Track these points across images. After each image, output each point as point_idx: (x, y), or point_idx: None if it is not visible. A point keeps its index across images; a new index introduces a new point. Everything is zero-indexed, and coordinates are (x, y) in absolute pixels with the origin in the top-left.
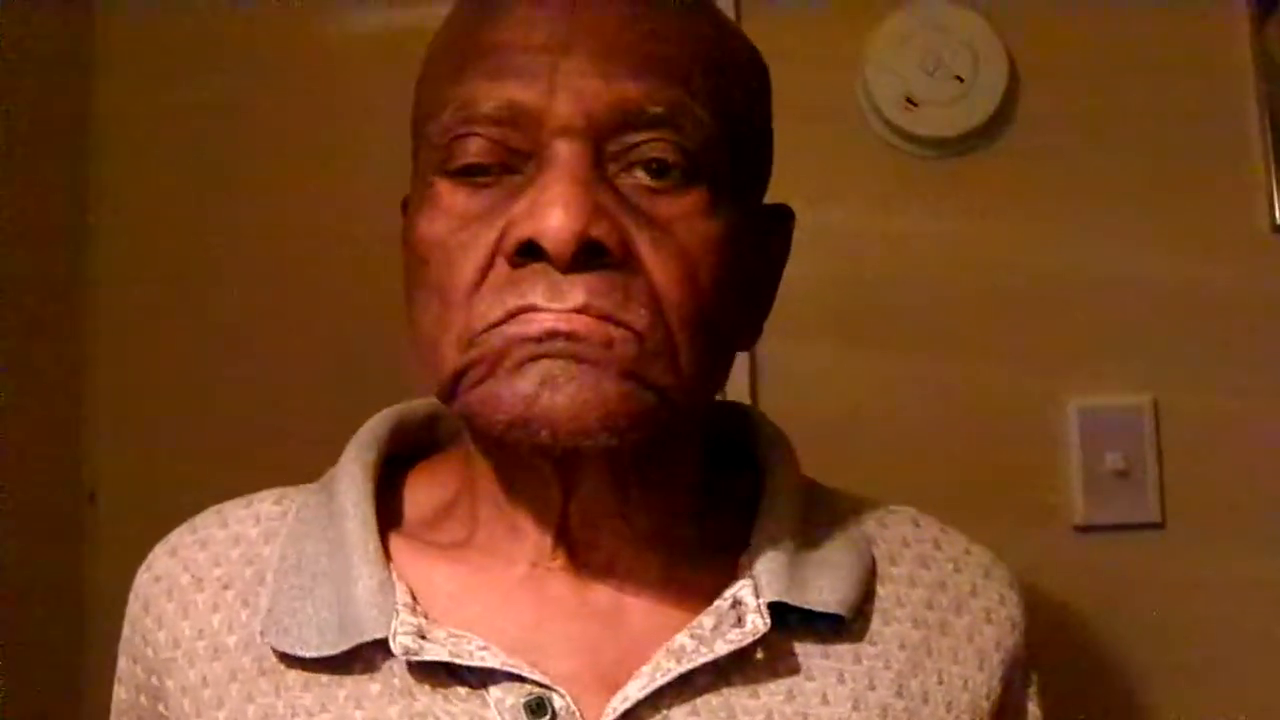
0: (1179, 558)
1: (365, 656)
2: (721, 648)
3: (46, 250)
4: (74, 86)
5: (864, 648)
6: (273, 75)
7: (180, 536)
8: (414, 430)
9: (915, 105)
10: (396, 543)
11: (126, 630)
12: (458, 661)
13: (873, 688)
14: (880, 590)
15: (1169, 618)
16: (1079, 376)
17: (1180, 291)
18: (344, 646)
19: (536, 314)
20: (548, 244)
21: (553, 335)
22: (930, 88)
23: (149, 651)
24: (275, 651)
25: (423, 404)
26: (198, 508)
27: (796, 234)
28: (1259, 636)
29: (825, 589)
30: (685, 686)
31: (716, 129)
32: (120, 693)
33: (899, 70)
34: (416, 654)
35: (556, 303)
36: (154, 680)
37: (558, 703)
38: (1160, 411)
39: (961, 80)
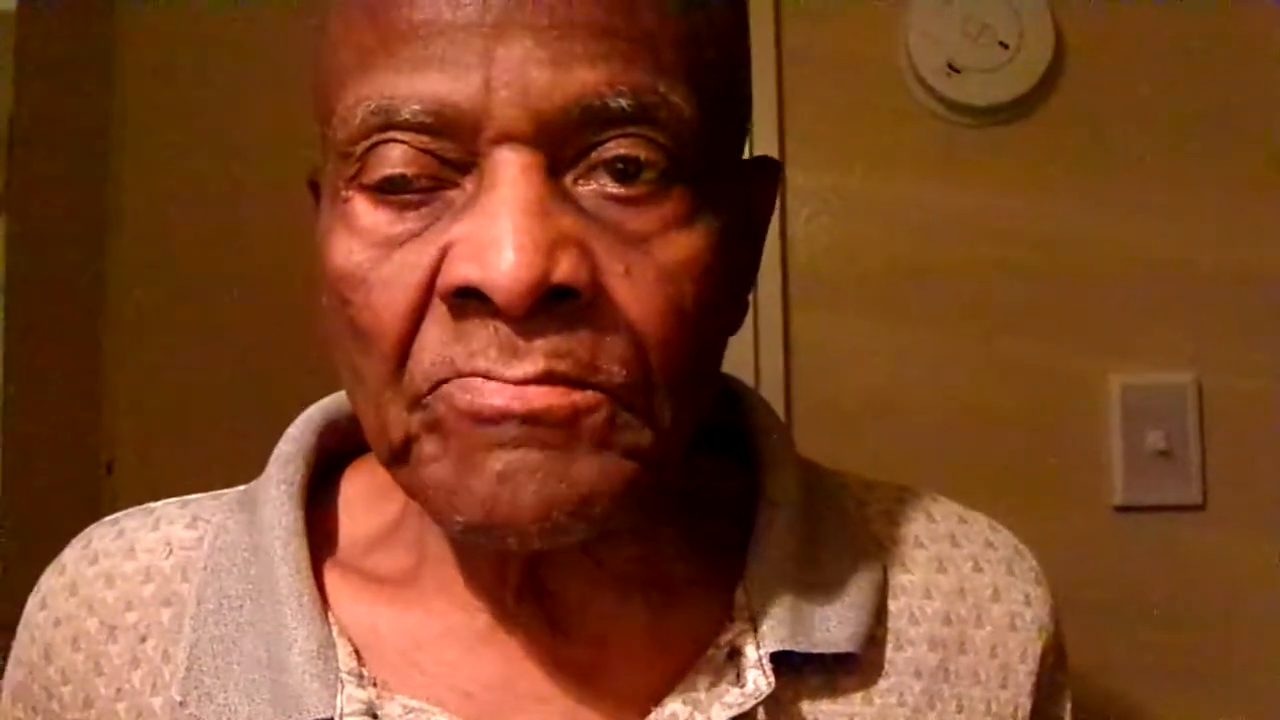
0: (1220, 540)
1: None
2: (719, 714)
3: (69, 229)
4: (94, 86)
5: (875, 682)
6: (293, 74)
7: (79, 568)
8: (346, 422)
9: (957, 71)
10: (332, 578)
11: (19, 673)
12: None
13: None
14: (892, 606)
15: (1209, 600)
16: (1122, 354)
17: (1226, 270)
18: None
19: (486, 383)
20: (499, 297)
21: (506, 417)
22: (973, 54)
23: (53, 706)
24: None
25: None
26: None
27: (835, 204)
28: None
29: (833, 623)
30: None
31: (697, 113)
32: None
33: (941, 35)
34: None
35: (511, 369)
36: None
37: None
38: (1204, 391)
39: (1006, 47)
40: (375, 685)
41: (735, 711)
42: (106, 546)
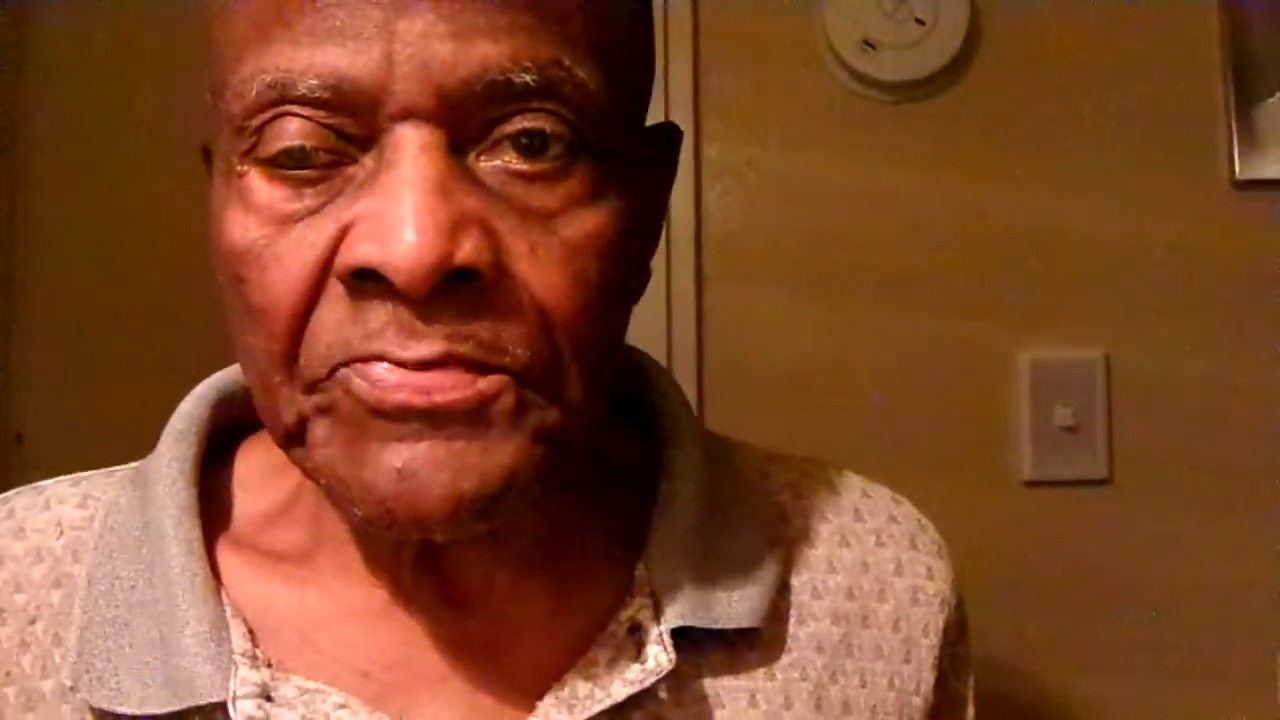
0: (1126, 514)
1: (204, 713)
2: (620, 691)
3: None
4: (4, 86)
5: (777, 657)
6: (199, 64)
7: None
8: (242, 395)
9: (873, 47)
10: (226, 556)
11: None
12: None
13: (789, 705)
14: (795, 580)
15: (1115, 573)
16: (1032, 330)
17: (1137, 246)
18: (176, 706)
19: (385, 369)
20: (399, 279)
21: (407, 410)
22: (889, 30)
23: None
24: (91, 708)
25: None
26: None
27: (750, 178)
28: (1203, 592)
29: (735, 596)
30: None
31: (603, 87)
32: None
33: (858, 11)
34: None
35: (409, 350)
36: None
37: None
38: (1112, 367)
39: (922, 23)
40: (270, 666)
41: (636, 688)
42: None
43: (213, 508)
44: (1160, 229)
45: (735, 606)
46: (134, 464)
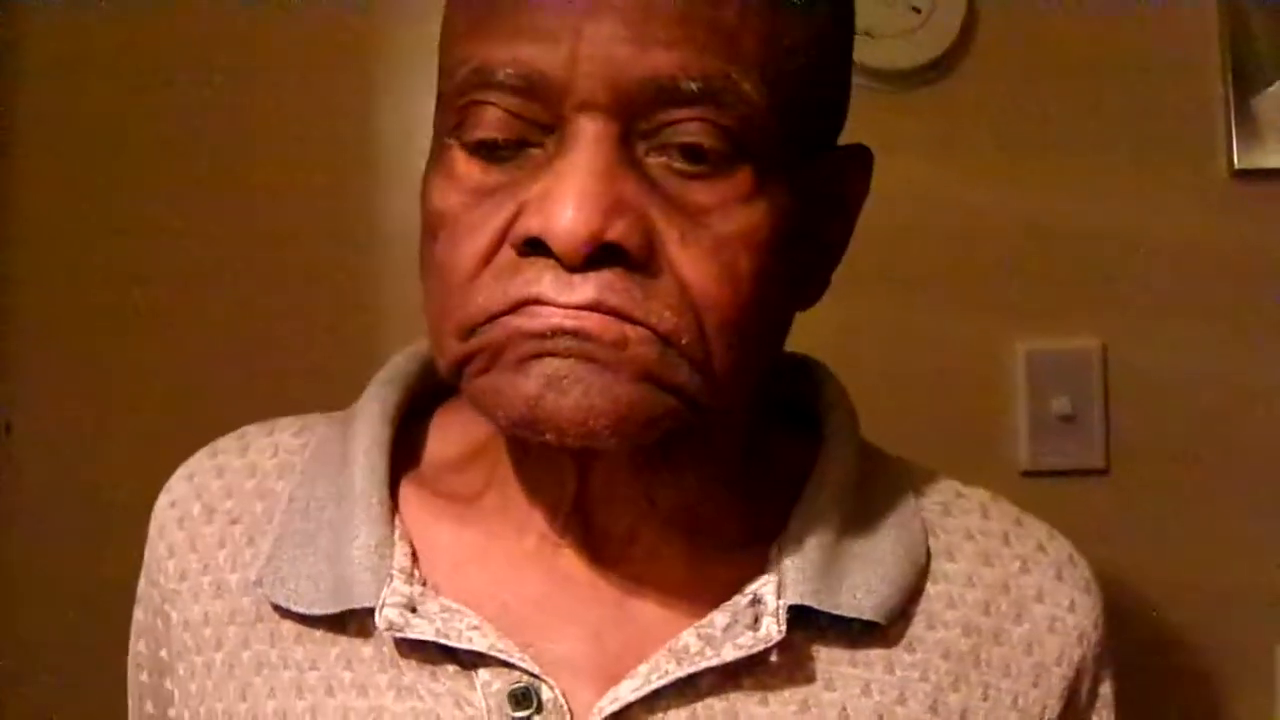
0: (1123, 504)
1: (359, 618)
2: (729, 653)
3: None
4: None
5: (900, 655)
6: (193, 73)
7: (199, 460)
8: None
9: (871, 37)
10: (408, 491)
11: (146, 553)
12: (444, 641)
13: (903, 702)
14: (931, 589)
15: (1112, 564)
16: (1028, 319)
17: (1134, 236)
18: (335, 609)
19: (542, 307)
20: (556, 245)
21: (559, 332)
22: (885, 18)
23: (160, 579)
24: (271, 603)
25: None
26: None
27: None
28: (1200, 583)
29: (861, 590)
30: (688, 687)
31: (766, 101)
32: (138, 614)
33: (857, 1)
34: (401, 630)
35: (564, 295)
36: (165, 607)
37: (545, 694)
38: (1109, 357)
39: (918, 11)
40: (424, 585)
41: (745, 653)
42: (227, 445)
43: (407, 451)
44: (1158, 219)
45: (860, 599)
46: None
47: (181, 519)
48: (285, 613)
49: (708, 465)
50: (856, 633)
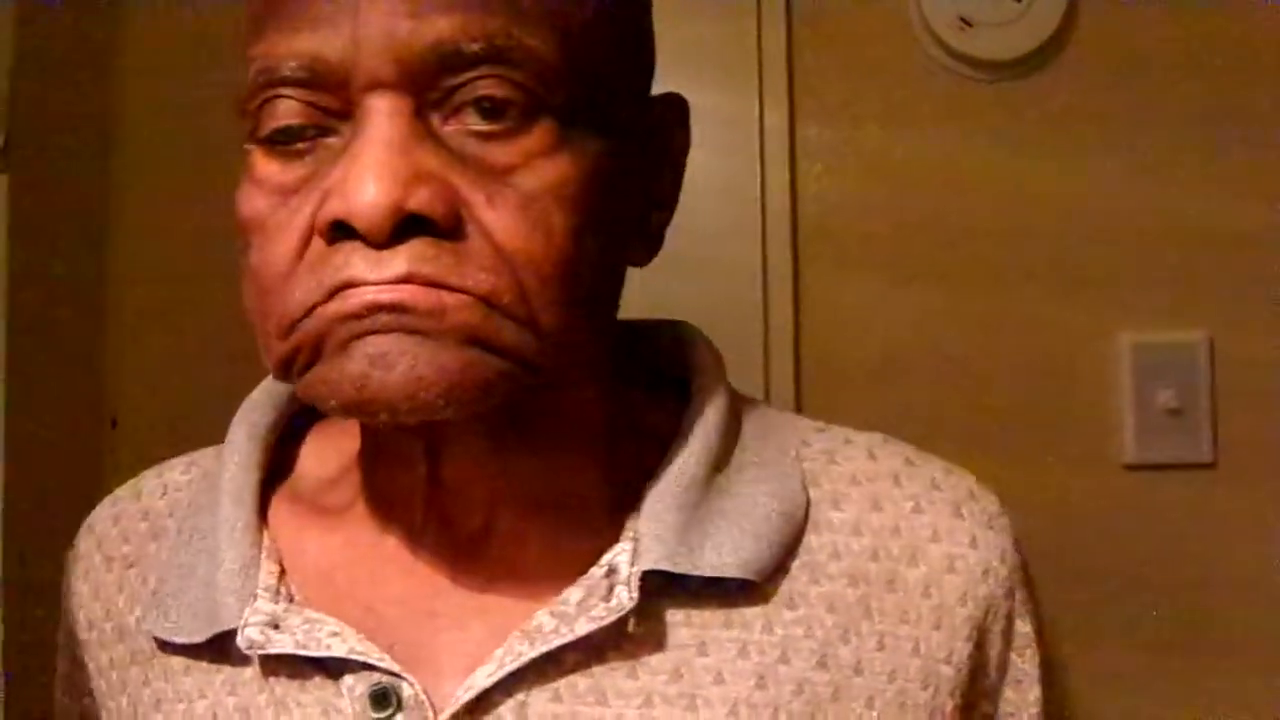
0: (1229, 499)
1: (228, 640)
2: (583, 627)
3: (73, 184)
4: (96, 84)
5: (780, 613)
6: None
7: (99, 511)
8: None
9: (970, 26)
10: (281, 509)
11: (61, 606)
12: (303, 653)
13: (786, 660)
14: (814, 540)
15: (1218, 559)
16: (1133, 312)
17: (1239, 228)
18: (204, 636)
19: (356, 289)
20: (359, 224)
21: (376, 309)
22: (986, 7)
23: (75, 630)
24: (154, 637)
25: None
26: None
27: (845, 160)
28: None
29: (726, 549)
30: (551, 666)
31: (558, 52)
32: (59, 665)
33: None
34: (263, 647)
35: (375, 273)
36: (82, 656)
37: (406, 691)
38: (1215, 349)
39: (1019, 0)
40: (292, 600)
41: (599, 624)
42: (123, 491)
43: (284, 470)
44: (1264, 209)
45: (725, 558)
46: None
47: (86, 572)
48: (173, 646)
49: (565, 439)
50: (733, 594)
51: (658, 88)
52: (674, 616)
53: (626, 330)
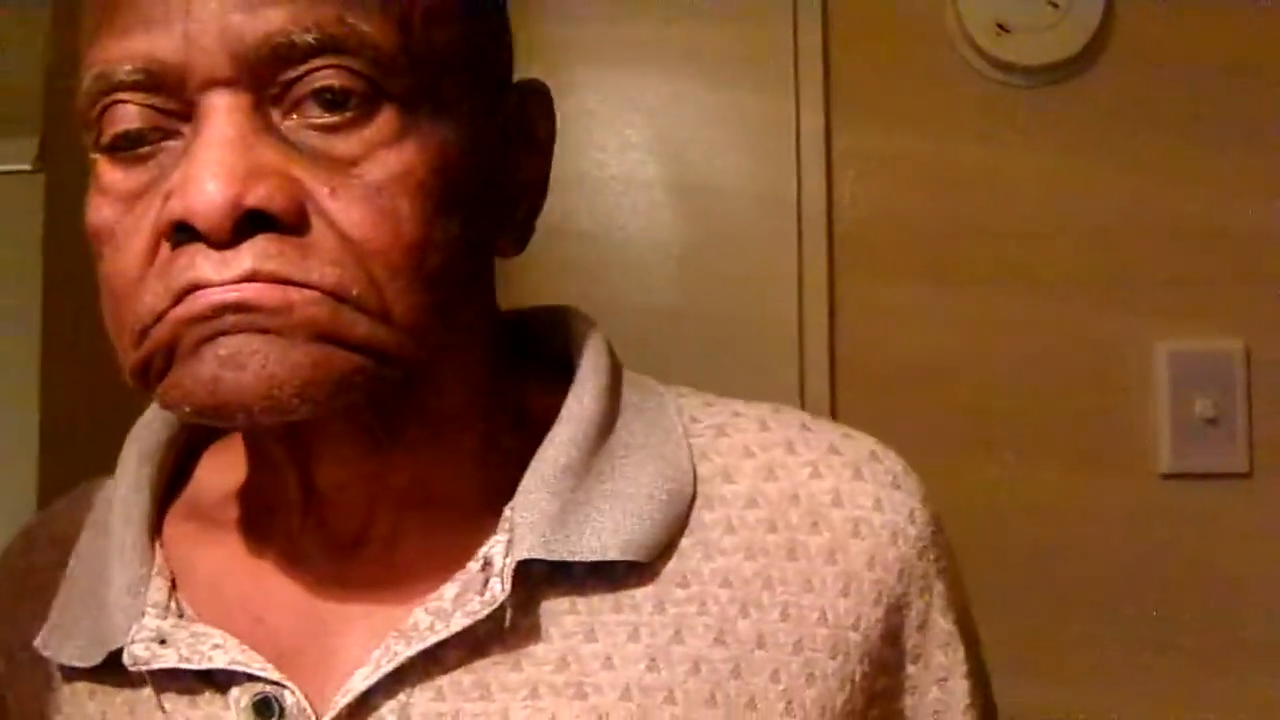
0: (1266, 508)
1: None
2: (459, 622)
3: None
4: None
5: (671, 592)
6: None
7: (13, 543)
8: None
9: (1006, 31)
10: (176, 525)
11: None
12: (186, 666)
13: (680, 640)
14: (706, 516)
15: (1254, 568)
16: (1170, 319)
17: (1277, 236)
18: (100, 657)
19: (203, 290)
20: (200, 223)
21: (222, 309)
22: (1023, 13)
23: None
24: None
25: None
26: None
27: (881, 166)
28: None
29: (607, 532)
30: (432, 664)
31: (397, 39)
32: None
33: None
34: (148, 663)
35: (220, 273)
36: (2, 689)
37: (288, 700)
38: (1252, 358)
39: (1056, 6)
40: (181, 615)
41: (474, 618)
42: (37, 518)
43: (181, 488)
44: None
45: (607, 540)
46: None
47: (0, 601)
48: (76, 672)
49: (440, 434)
50: (621, 577)
51: (704, 91)
52: (559, 605)
53: (517, 320)
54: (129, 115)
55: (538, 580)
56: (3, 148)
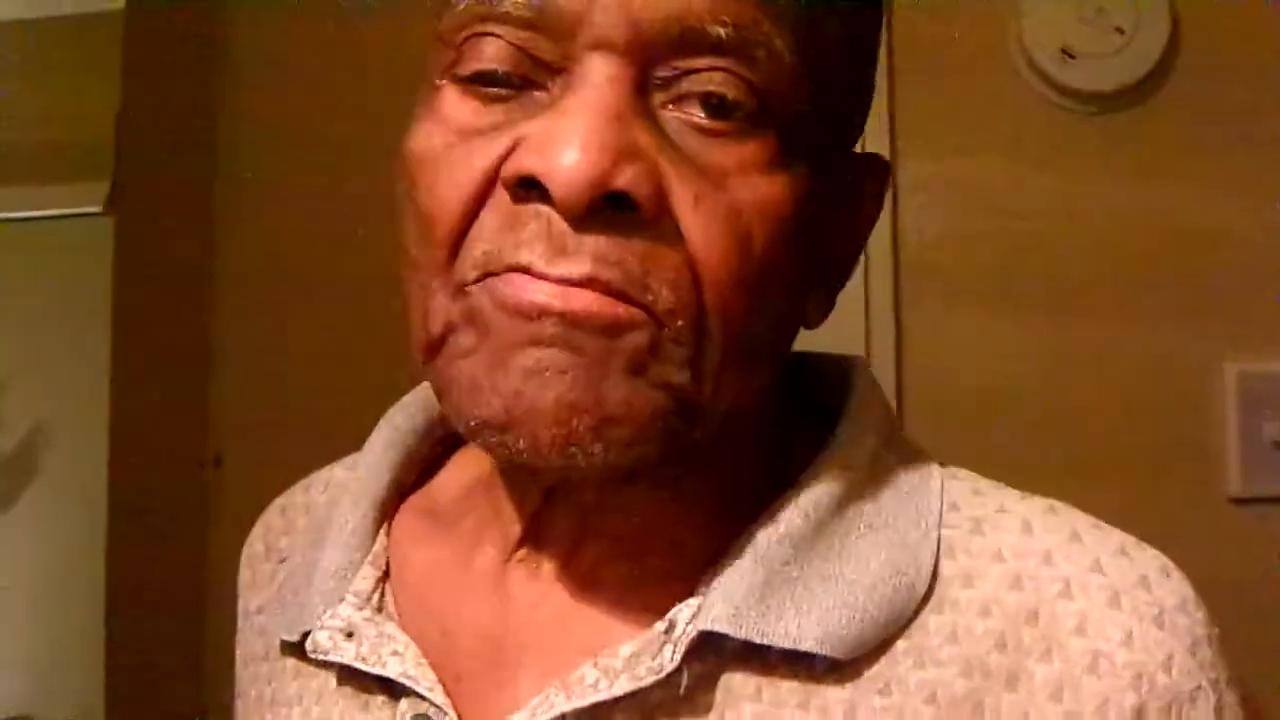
0: None
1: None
2: (623, 685)
3: (177, 226)
4: (200, 128)
5: (867, 698)
6: (400, 70)
7: (276, 500)
8: None
9: (1072, 57)
10: (406, 517)
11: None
12: (360, 666)
13: None
14: (932, 620)
15: None
16: (1238, 341)
17: None
18: (295, 635)
19: (530, 280)
20: (555, 190)
21: (545, 314)
22: (1088, 39)
23: (238, 616)
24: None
25: None
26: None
27: (947, 193)
28: None
29: (808, 618)
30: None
31: (798, 63)
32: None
33: (1056, 20)
34: (326, 653)
35: (556, 267)
36: (235, 645)
37: None
38: None
39: (1122, 32)
40: (380, 610)
41: (637, 685)
42: (297, 485)
43: (425, 479)
44: None
45: (802, 627)
46: None
47: (250, 560)
48: (287, 646)
49: (684, 481)
50: (818, 670)
51: None
52: (744, 686)
53: (798, 362)
54: (500, 54)
55: (728, 655)
56: (74, 191)
